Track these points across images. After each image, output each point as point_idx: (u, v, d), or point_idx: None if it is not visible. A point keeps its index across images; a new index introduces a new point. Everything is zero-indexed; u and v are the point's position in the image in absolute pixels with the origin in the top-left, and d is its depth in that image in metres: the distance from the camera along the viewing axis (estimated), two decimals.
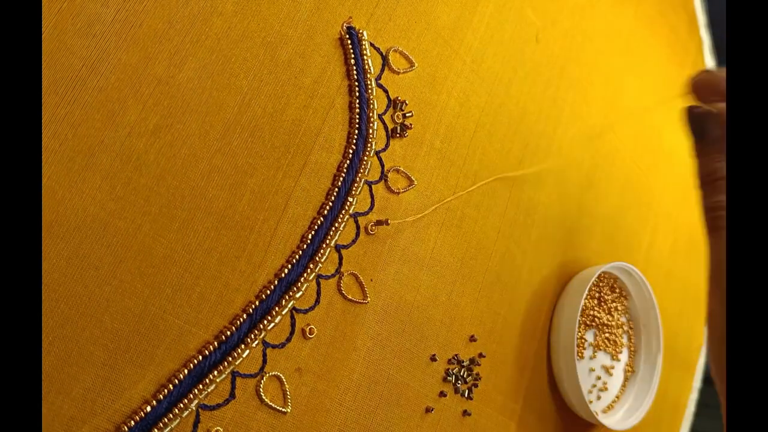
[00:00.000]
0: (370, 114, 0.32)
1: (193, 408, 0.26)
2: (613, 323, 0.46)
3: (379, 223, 0.32)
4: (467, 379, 0.36)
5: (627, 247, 0.50)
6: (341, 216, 0.30)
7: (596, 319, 0.45)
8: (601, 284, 0.45)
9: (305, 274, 0.29)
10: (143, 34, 0.26)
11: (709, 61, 0.63)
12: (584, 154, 0.46)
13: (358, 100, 0.32)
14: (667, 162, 0.56)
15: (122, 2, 0.26)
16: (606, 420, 0.43)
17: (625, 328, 0.47)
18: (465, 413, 0.35)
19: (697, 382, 0.60)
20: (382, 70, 0.33)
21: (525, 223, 0.41)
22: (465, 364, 0.36)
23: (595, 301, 0.45)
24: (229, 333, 0.27)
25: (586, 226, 0.46)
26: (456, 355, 0.35)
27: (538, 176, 0.42)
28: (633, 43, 0.53)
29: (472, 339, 0.36)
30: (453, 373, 0.35)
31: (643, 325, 0.47)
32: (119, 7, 0.25)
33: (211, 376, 0.26)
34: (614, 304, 0.46)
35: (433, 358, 0.34)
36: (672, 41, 0.58)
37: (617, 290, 0.47)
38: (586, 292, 0.41)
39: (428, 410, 0.34)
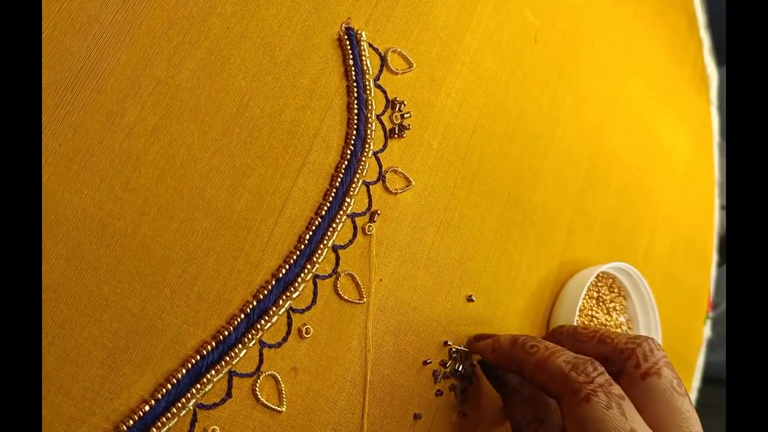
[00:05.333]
0: (368, 114, 0.32)
1: (191, 407, 0.26)
2: (612, 323, 0.46)
3: (371, 218, 0.32)
4: (463, 380, 0.36)
5: (626, 248, 0.50)
6: (339, 216, 0.30)
7: (595, 319, 0.45)
8: (599, 284, 0.45)
9: (302, 275, 0.29)
10: (142, 34, 0.26)
11: (709, 61, 0.63)
12: (583, 154, 0.46)
13: (356, 101, 0.32)
14: (666, 163, 0.56)
15: (121, 3, 0.26)
16: None
17: (624, 327, 0.47)
18: (461, 414, 0.36)
19: (696, 382, 0.60)
20: (381, 71, 0.33)
21: (523, 224, 0.41)
22: (462, 364, 0.36)
23: (594, 301, 0.45)
24: (226, 333, 0.27)
25: (584, 227, 0.46)
26: (452, 355, 0.35)
27: (536, 177, 0.42)
28: (632, 44, 0.53)
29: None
30: (449, 374, 0.35)
31: (642, 325, 0.48)
32: (118, 8, 0.26)
33: (208, 375, 0.26)
34: (613, 304, 0.46)
35: (428, 359, 0.34)
36: (672, 41, 0.58)
37: (616, 290, 0.47)
38: (585, 291, 0.41)
39: (423, 410, 0.34)
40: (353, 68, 0.32)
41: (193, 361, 0.26)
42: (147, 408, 0.25)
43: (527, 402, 0.30)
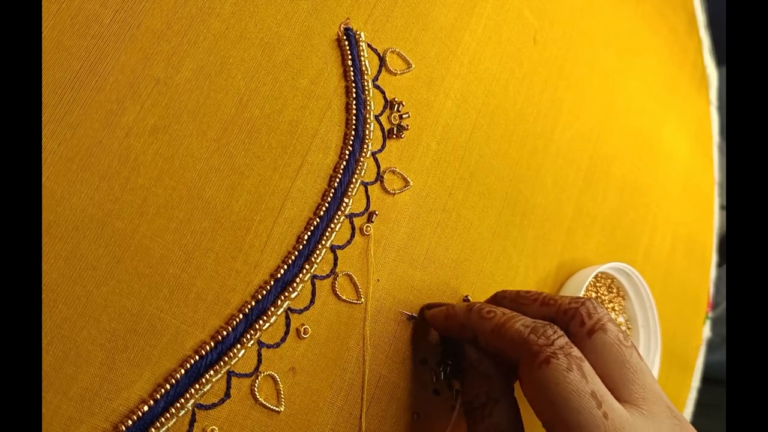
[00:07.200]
0: (367, 115, 0.32)
1: (189, 407, 0.26)
2: None
3: (369, 218, 0.32)
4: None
5: (625, 248, 0.50)
6: (337, 217, 0.30)
7: None
8: (598, 284, 0.45)
9: (301, 275, 0.29)
10: (141, 34, 0.26)
11: (709, 61, 0.63)
12: (582, 154, 0.46)
13: (354, 101, 0.32)
14: (666, 163, 0.56)
15: (121, 3, 0.26)
16: None
17: (623, 328, 0.47)
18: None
19: (695, 382, 0.60)
20: (379, 71, 0.33)
21: (521, 224, 0.41)
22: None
23: None
24: (225, 333, 0.27)
25: (583, 227, 0.46)
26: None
27: (535, 177, 0.42)
28: (632, 44, 0.53)
29: None
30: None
31: (641, 326, 0.48)
32: (118, 8, 0.26)
33: (207, 375, 0.26)
34: (612, 304, 0.46)
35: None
36: (671, 41, 0.58)
37: (614, 290, 0.47)
38: (583, 291, 0.41)
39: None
40: (352, 69, 0.32)
41: (192, 361, 0.26)
42: (146, 408, 0.25)
43: (482, 379, 0.29)
